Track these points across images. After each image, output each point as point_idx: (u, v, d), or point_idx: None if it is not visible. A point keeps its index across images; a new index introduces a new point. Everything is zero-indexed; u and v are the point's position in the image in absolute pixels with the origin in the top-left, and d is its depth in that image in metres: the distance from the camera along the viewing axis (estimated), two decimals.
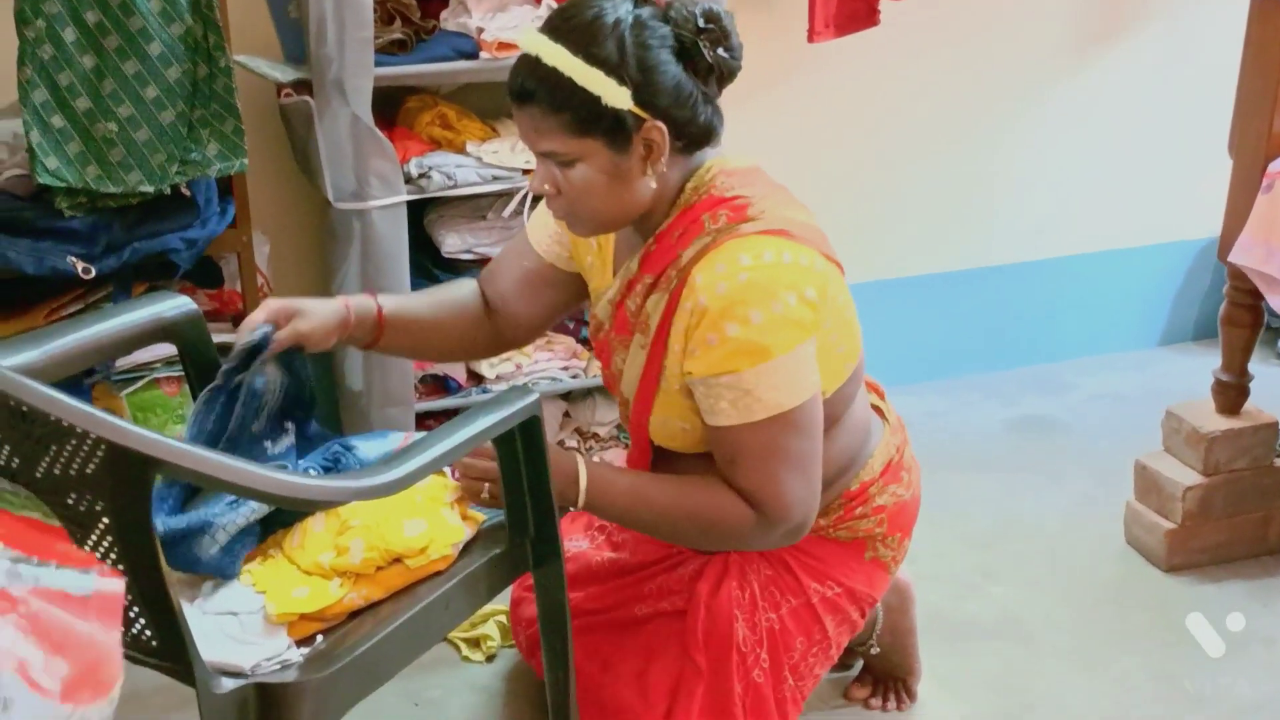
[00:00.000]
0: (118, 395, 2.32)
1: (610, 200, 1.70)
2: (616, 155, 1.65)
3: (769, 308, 1.64)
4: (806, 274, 1.68)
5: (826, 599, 1.88)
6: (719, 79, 1.68)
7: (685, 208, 1.73)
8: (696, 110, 1.66)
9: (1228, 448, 2.44)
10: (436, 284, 2.53)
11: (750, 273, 1.65)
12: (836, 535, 1.89)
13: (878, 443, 1.92)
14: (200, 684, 1.41)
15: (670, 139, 1.66)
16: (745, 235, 1.68)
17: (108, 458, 1.29)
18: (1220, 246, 2.42)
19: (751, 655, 1.85)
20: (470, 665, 2.25)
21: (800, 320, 1.66)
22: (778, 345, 1.65)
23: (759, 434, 1.68)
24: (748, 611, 1.85)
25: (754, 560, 1.88)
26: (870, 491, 1.89)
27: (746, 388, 1.66)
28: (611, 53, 1.61)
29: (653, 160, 1.67)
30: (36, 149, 2.09)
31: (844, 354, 1.78)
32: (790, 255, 1.68)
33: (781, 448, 1.70)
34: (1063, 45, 3.23)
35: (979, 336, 3.38)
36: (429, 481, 1.68)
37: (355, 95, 2.32)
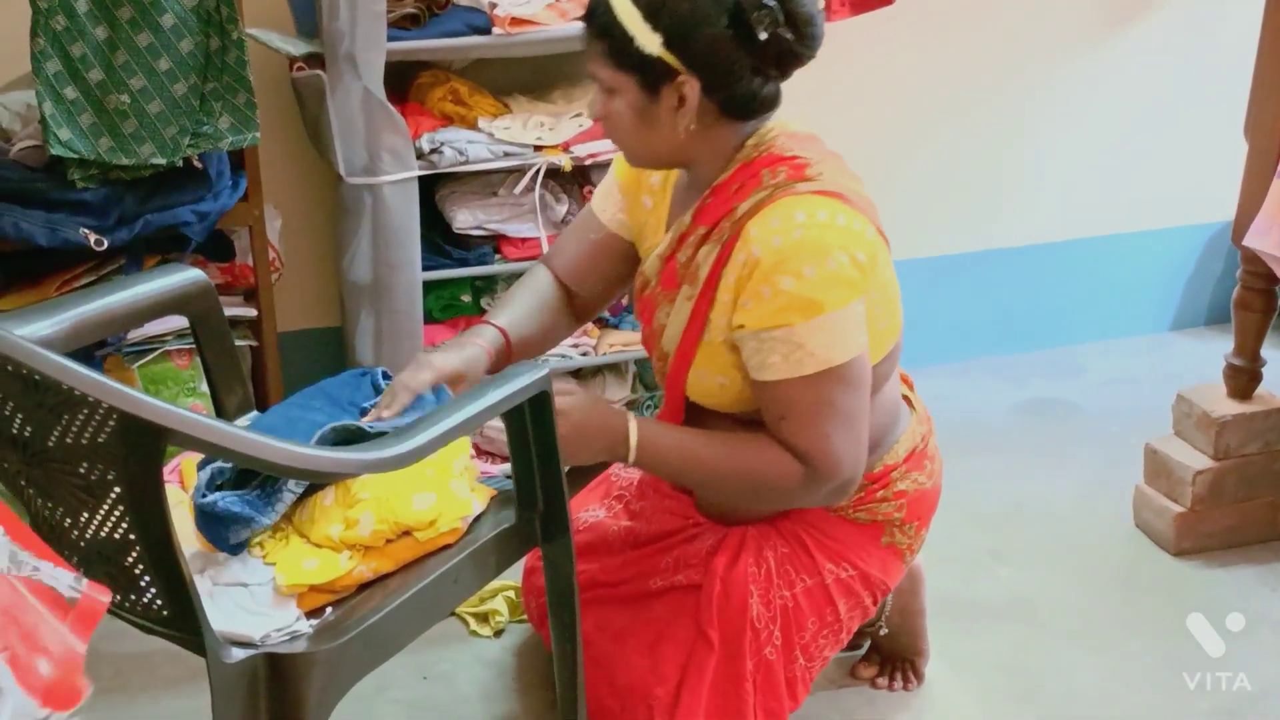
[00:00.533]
0: (129, 367, 2.32)
1: (638, 139, 1.74)
2: (647, 98, 1.70)
3: (823, 264, 1.66)
4: (858, 239, 1.70)
5: (841, 580, 1.88)
6: (778, 58, 1.68)
7: (745, 162, 1.75)
8: (739, 78, 1.67)
9: (1239, 432, 2.43)
10: (448, 259, 2.55)
11: (805, 230, 1.67)
12: (855, 517, 1.89)
13: (904, 429, 1.93)
14: (210, 653, 1.42)
15: (706, 100, 1.68)
16: (802, 194, 1.70)
17: (119, 427, 1.29)
18: (1234, 230, 2.41)
19: (765, 632, 1.85)
20: (479, 640, 2.26)
21: (851, 280, 1.68)
22: (830, 301, 1.66)
23: (809, 388, 1.69)
24: (763, 588, 1.85)
25: (770, 537, 1.88)
26: (893, 476, 1.89)
27: (798, 341, 1.67)
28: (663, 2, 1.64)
29: (682, 114, 1.69)
30: (49, 120, 2.09)
31: (885, 330, 1.80)
32: (844, 219, 1.70)
33: (830, 403, 1.70)
34: (1079, 27, 3.21)
35: (991, 319, 3.37)
36: (439, 455, 1.68)
37: (367, 69, 2.32)
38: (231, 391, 1.92)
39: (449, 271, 2.56)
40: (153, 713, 2.07)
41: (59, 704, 1.04)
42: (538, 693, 2.11)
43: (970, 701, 2.09)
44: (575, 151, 2.51)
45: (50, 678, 1.04)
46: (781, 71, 1.72)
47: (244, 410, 1.94)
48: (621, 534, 2.01)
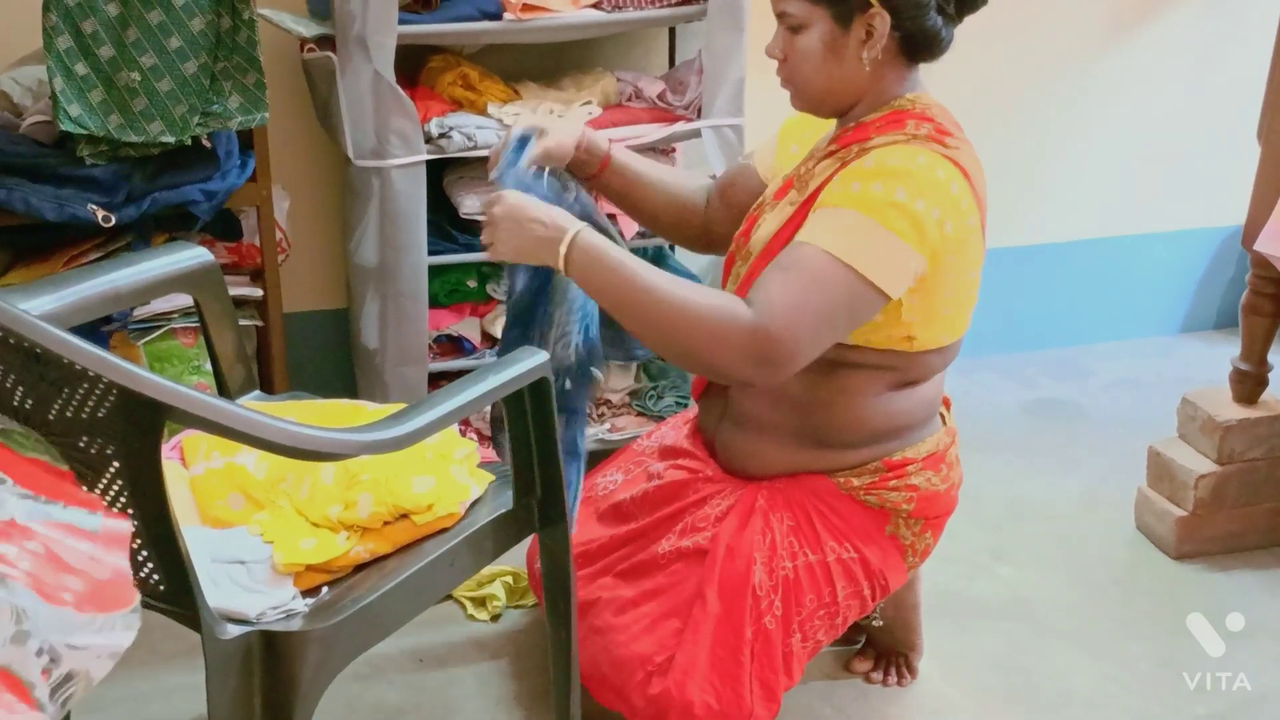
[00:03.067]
0: (135, 344, 2.33)
1: (823, 73, 1.81)
2: (838, 30, 1.77)
3: (914, 199, 1.71)
4: (958, 211, 1.75)
5: (842, 560, 1.89)
6: (960, 2, 1.79)
7: (898, 110, 1.82)
8: (926, 15, 1.77)
9: (1243, 437, 2.43)
10: (454, 244, 2.55)
11: (921, 170, 1.73)
12: (865, 499, 1.90)
13: (932, 433, 1.95)
14: (206, 629, 1.42)
15: (892, 34, 1.77)
16: (935, 151, 1.76)
17: (119, 402, 1.29)
18: (1245, 234, 2.40)
19: (766, 600, 1.85)
20: (475, 624, 2.26)
21: (927, 232, 1.72)
22: (899, 227, 1.70)
23: (825, 266, 1.70)
24: (767, 556, 1.86)
25: (779, 507, 1.90)
26: (908, 469, 1.90)
27: (849, 227, 1.71)
28: None
29: (869, 46, 1.77)
30: (60, 96, 2.10)
31: (949, 319, 1.83)
32: (958, 189, 1.75)
33: (828, 291, 1.70)
34: (1093, 29, 3.20)
35: (999, 318, 3.37)
36: (438, 438, 1.69)
37: (378, 52, 2.32)
38: (235, 371, 1.93)
39: (455, 256, 2.56)
40: (149, 687, 2.08)
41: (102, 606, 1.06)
42: (533, 677, 2.12)
43: (964, 698, 2.09)
44: None
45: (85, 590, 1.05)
46: (958, 12, 1.81)
47: (247, 389, 1.95)
48: (637, 496, 2.03)
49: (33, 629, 1.01)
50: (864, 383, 1.85)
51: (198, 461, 1.74)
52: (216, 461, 1.73)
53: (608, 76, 2.64)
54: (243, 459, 1.71)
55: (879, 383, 1.86)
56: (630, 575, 1.94)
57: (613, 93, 2.62)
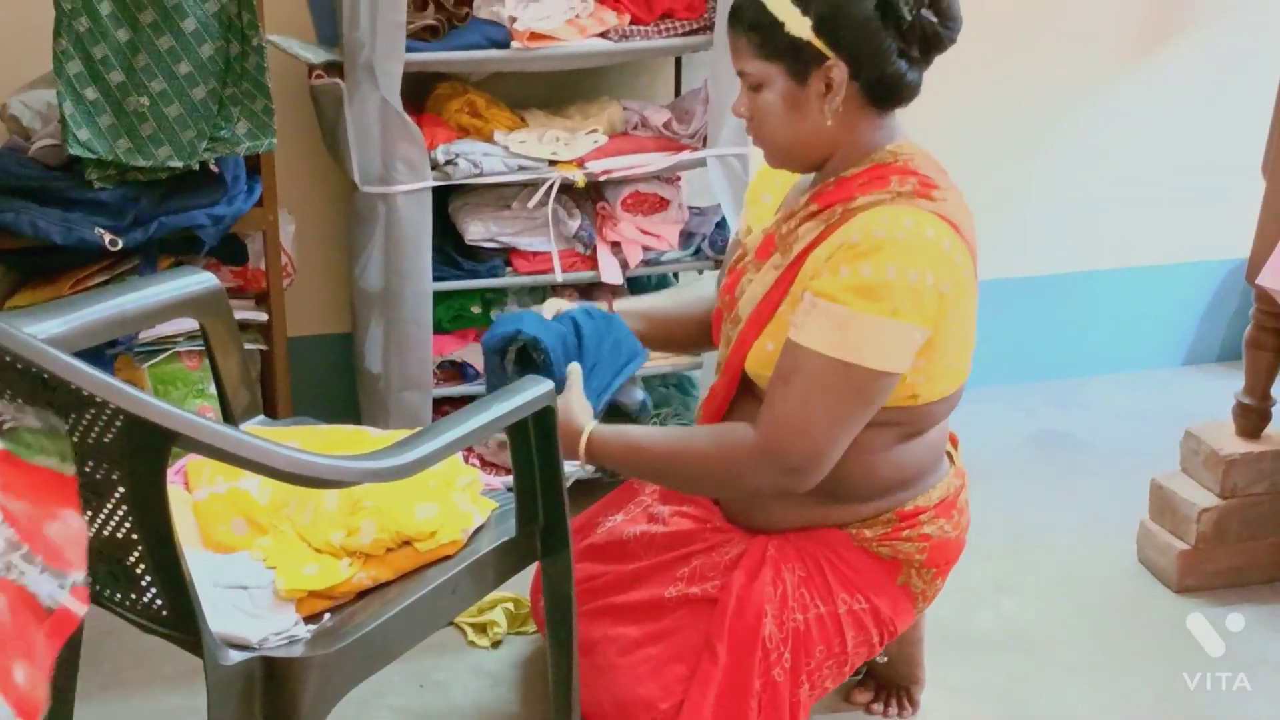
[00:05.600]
0: (139, 367, 2.33)
1: (786, 130, 1.78)
2: (795, 85, 1.74)
3: (906, 272, 1.67)
4: (952, 270, 1.72)
5: (853, 612, 1.87)
6: (922, 41, 1.73)
7: (880, 164, 1.78)
8: (885, 62, 1.72)
9: (1246, 471, 2.42)
10: (459, 270, 2.56)
11: (908, 235, 1.69)
12: (878, 551, 1.88)
13: (942, 477, 1.93)
14: (208, 654, 1.42)
15: (853, 84, 1.73)
16: (921, 209, 1.72)
17: (126, 428, 1.30)
18: (1249, 268, 2.40)
19: (775, 652, 1.84)
20: (476, 650, 2.26)
21: (925, 303, 1.69)
22: (895, 308, 1.67)
23: (824, 369, 1.70)
24: (778, 608, 1.84)
25: (790, 558, 1.87)
26: (921, 518, 1.88)
27: (844, 323, 1.68)
28: None
29: (829, 99, 1.73)
30: (69, 120, 2.11)
31: (952, 370, 1.80)
32: (950, 245, 1.72)
33: (833, 392, 1.70)
34: (1097, 61, 3.21)
35: (1002, 348, 3.37)
36: (442, 465, 1.68)
37: (385, 79, 2.33)
38: (240, 395, 1.93)
39: (460, 283, 2.57)
40: (149, 709, 2.07)
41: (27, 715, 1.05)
42: (533, 705, 2.11)
43: None
44: (590, 167, 2.52)
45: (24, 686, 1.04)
46: (924, 55, 1.75)
47: (252, 414, 1.96)
48: (638, 538, 2.02)
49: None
50: (871, 439, 1.81)
51: (201, 486, 1.74)
52: (220, 486, 1.73)
53: (614, 105, 2.65)
54: (246, 484, 1.71)
55: (887, 437, 1.83)
56: (634, 616, 1.93)
57: (619, 121, 2.63)
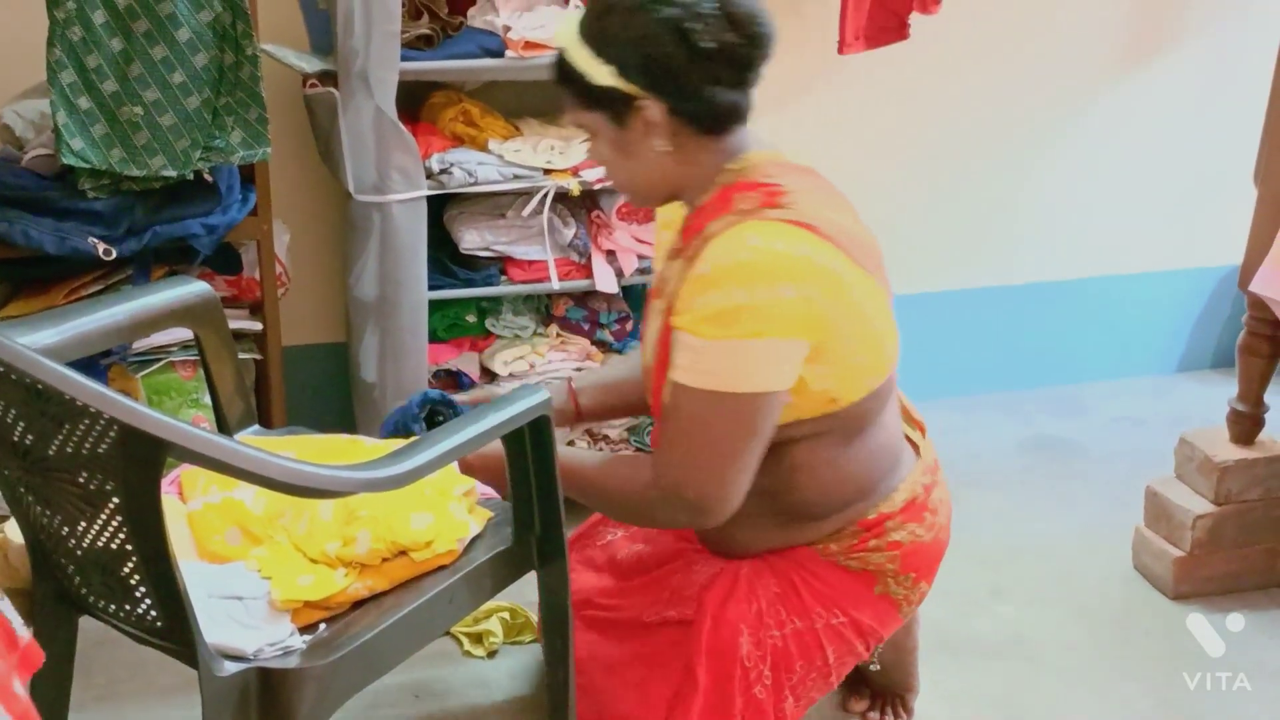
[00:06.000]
0: (133, 377, 2.33)
1: (625, 173, 1.78)
2: (618, 130, 1.72)
3: (756, 291, 1.63)
4: (815, 273, 1.66)
5: (831, 626, 1.86)
6: (730, 64, 1.68)
7: (724, 186, 1.74)
8: (696, 90, 1.68)
9: (1240, 478, 2.43)
10: (454, 279, 2.56)
11: (754, 254, 1.65)
12: (847, 564, 1.86)
13: (903, 478, 1.89)
14: (203, 666, 1.42)
15: (674, 118, 1.69)
16: (768, 220, 1.68)
17: (120, 438, 1.30)
18: (1241, 275, 2.41)
19: (755, 670, 1.83)
20: (472, 660, 2.25)
21: (788, 316, 1.64)
22: (746, 329, 1.64)
23: (693, 401, 1.68)
24: (753, 626, 1.83)
25: (764, 575, 1.86)
26: (887, 525, 1.85)
27: (700, 353, 1.66)
28: (604, 30, 1.67)
29: (653, 136, 1.70)
30: (62, 130, 2.10)
31: (863, 366, 1.76)
32: (807, 249, 1.67)
33: (706, 425, 1.68)
34: (1091, 69, 3.22)
35: (998, 355, 3.37)
36: (438, 475, 1.68)
37: (380, 88, 2.33)
38: (234, 404, 1.93)
39: (455, 291, 2.57)
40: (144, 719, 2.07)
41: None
42: (529, 715, 2.11)
43: None
44: (584, 176, 2.52)
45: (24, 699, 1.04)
46: (738, 76, 1.70)
47: (246, 423, 1.95)
48: (631, 557, 2.02)
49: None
50: (811, 452, 1.79)
51: (196, 496, 1.73)
52: (214, 496, 1.72)
53: None
54: (241, 494, 1.71)
55: (826, 447, 1.79)
56: (616, 634, 1.93)
57: None
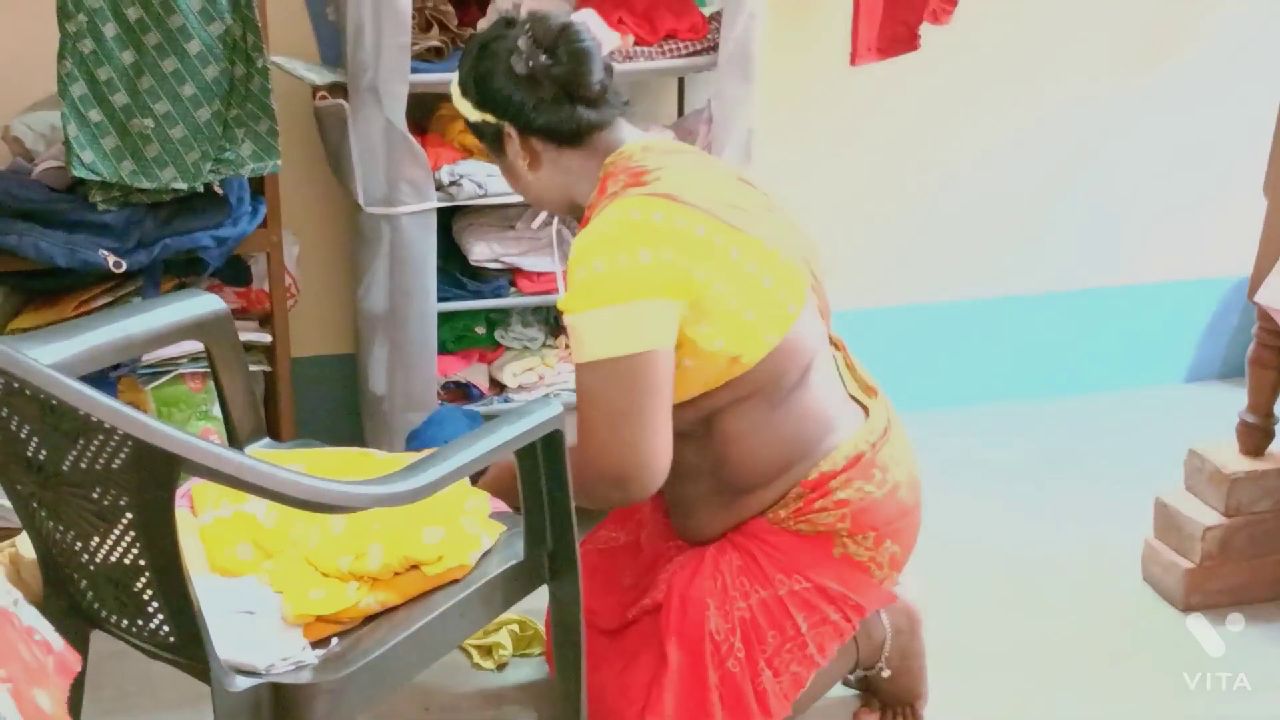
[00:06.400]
0: (143, 389, 2.33)
1: (521, 190, 1.98)
2: (501, 157, 1.95)
3: (614, 259, 1.75)
4: (673, 235, 1.77)
5: (795, 593, 1.88)
6: (554, 84, 1.85)
7: (601, 179, 1.89)
8: (540, 110, 1.86)
9: (1250, 489, 2.42)
10: (463, 291, 2.56)
11: (612, 226, 1.78)
12: (797, 528, 1.89)
13: (846, 436, 1.91)
14: (215, 681, 1.42)
15: (532, 138, 1.88)
16: (629, 196, 1.81)
17: (134, 454, 1.30)
18: (1250, 286, 2.40)
19: (725, 644, 1.86)
20: (482, 673, 2.25)
21: (647, 277, 1.74)
22: (611, 295, 1.74)
23: (583, 377, 1.79)
24: (719, 600, 1.87)
25: (726, 551, 1.91)
26: (831, 485, 1.87)
27: (576, 329, 1.78)
28: (464, 72, 1.92)
29: (519, 155, 1.90)
30: (73, 142, 2.11)
31: (756, 323, 1.81)
32: (662, 215, 1.78)
33: (599, 395, 1.77)
34: (1100, 79, 3.22)
35: (1004, 365, 3.37)
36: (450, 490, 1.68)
37: (390, 101, 2.33)
38: (244, 417, 1.93)
39: (464, 303, 2.57)
40: None
41: None
42: None
43: None
44: None
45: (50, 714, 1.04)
46: (572, 93, 1.86)
47: (256, 436, 1.95)
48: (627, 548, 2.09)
49: None
50: (738, 421, 1.85)
51: (207, 510, 1.74)
52: (226, 510, 1.72)
53: None
54: (252, 508, 1.71)
55: (752, 412, 1.85)
56: (604, 634, 1.98)
57: None
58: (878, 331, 2.18)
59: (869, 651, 2.04)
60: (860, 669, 2.07)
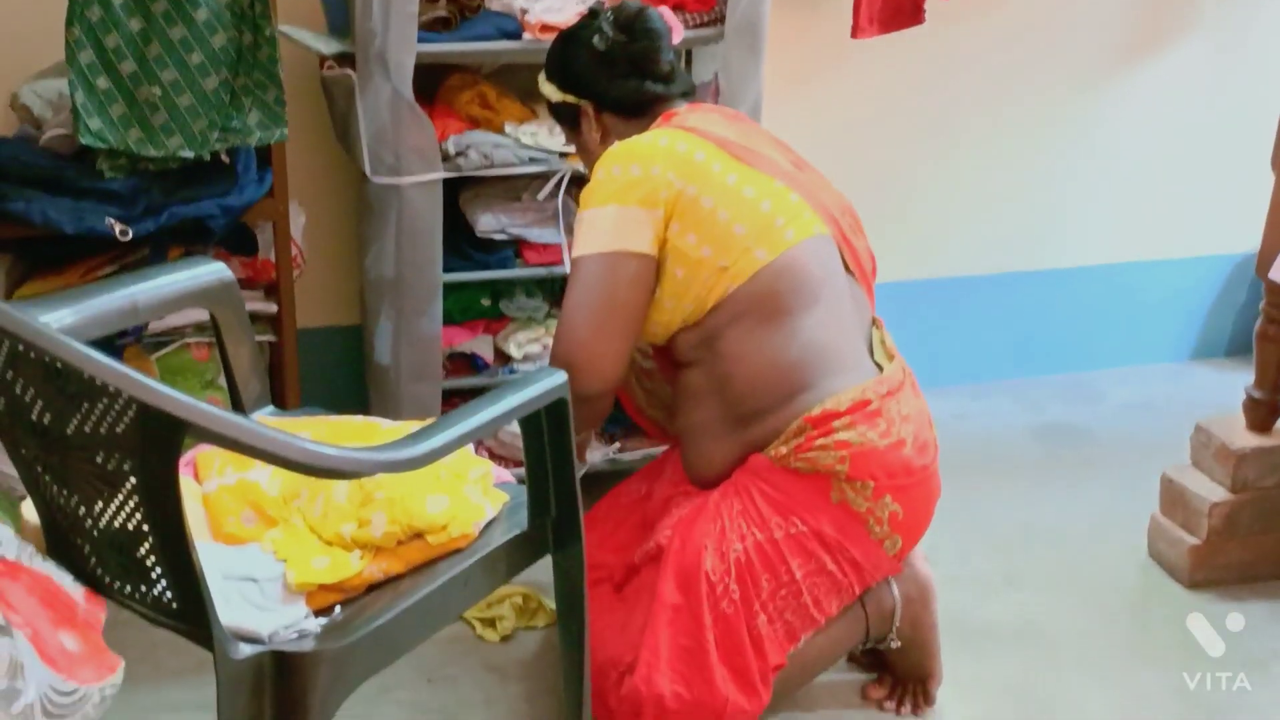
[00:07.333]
0: (148, 358, 2.33)
1: (590, 164, 2.12)
2: (574, 133, 2.19)
3: (610, 170, 1.97)
4: (670, 155, 1.96)
5: (791, 536, 1.91)
6: (629, 62, 2.09)
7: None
8: (612, 86, 2.10)
9: (1257, 465, 2.42)
10: (469, 262, 2.56)
11: (632, 144, 2.00)
12: (796, 466, 1.92)
13: (854, 383, 1.94)
14: (218, 648, 1.42)
15: (604, 113, 2.12)
16: (655, 130, 2.05)
17: (138, 418, 1.29)
18: (1259, 262, 2.40)
19: (720, 585, 1.89)
20: (485, 645, 2.25)
21: (629, 186, 1.94)
22: (598, 199, 1.96)
23: (575, 269, 1.98)
24: (716, 541, 1.91)
25: (728, 496, 1.95)
26: (834, 424, 1.90)
27: (578, 224, 1.99)
28: (551, 57, 2.18)
29: (592, 130, 2.14)
30: (81, 109, 2.10)
31: (744, 236, 1.94)
32: (665, 140, 1.99)
33: (572, 288, 1.97)
34: (1107, 54, 3.20)
35: (1012, 341, 3.36)
36: (453, 458, 1.68)
37: (397, 71, 2.32)
38: (250, 385, 1.93)
39: (469, 274, 2.56)
40: (156, 702, 2.07)
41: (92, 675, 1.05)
42: (542, 699, 2.11)
43: None
44: None
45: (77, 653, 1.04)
46: (641, 69, 2.10)
47: (261, 405, 1.95)
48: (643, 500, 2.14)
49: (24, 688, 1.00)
50: (738, 341, 1.95)
51: (211, 477, 1.73)
52: (230, 477, 1.72)
53: None
54: (256, 475, 1.71)
55: (751, 331, 1.94)
56: (610, 579, 2.04)
57: None
58: (882, 307, 2.18)
59: (879, 621, 2.04)
60: (871, 640, 2.07)
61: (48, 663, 1.02)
